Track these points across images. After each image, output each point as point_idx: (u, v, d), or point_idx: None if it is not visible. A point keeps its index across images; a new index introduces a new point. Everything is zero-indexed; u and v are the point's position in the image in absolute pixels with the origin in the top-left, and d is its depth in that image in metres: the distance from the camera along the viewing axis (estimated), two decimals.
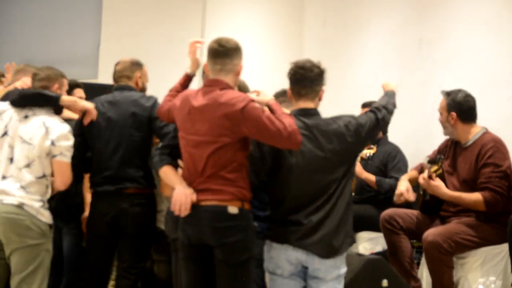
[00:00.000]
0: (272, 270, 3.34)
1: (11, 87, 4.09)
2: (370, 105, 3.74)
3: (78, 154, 3.79)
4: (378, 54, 6.42)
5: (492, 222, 4.13)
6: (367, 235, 5.12)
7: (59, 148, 3.62)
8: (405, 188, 4.27)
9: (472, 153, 4.18)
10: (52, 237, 3.72)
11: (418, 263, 4.52)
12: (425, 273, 4.33)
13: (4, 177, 3.60)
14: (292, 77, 3.40)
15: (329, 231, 3.25)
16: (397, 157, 5.18)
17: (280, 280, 3.33)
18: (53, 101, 3.74)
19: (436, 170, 4.10)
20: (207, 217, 3.18)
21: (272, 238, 3.33)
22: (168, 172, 3.37)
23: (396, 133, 5.48)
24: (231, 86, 3.27)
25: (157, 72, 4.47)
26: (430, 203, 4.29)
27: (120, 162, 3.90)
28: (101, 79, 6.41)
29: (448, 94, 4.27)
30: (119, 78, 4.09)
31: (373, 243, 5.09)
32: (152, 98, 4.00)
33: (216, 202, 3.18)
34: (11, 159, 3.61)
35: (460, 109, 4.22)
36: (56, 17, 7.08)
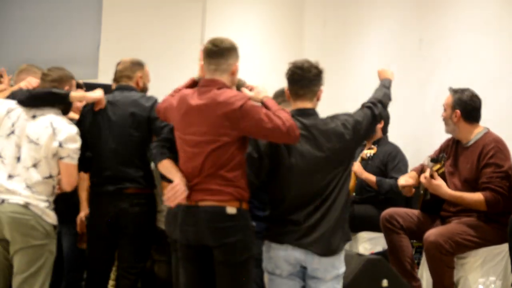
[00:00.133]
0: (271, 270, 3.34)
1: (15, 87, 4.09)
2: None
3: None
4: (378, 54, 6.41)
5: (493, 222, 4.13)
6: (367, 235, 5.12)
7: (67, 151, 3.63)
8: (403, 180, 4.33)
9: (473, 153, 4.18)
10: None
11: (418, 263, 4.52)
12: (425, 273, 4.33)
13: (10, 176, 3.60)
14: (290, 77, 3.40)
15: (327, 230, 3.25)
16: (397, 157, 5.18)
17: (279, 280, 3.33)
18: (64, 99, 3.76)
19: (438, 169, 4.09)
20: (206, 218, 3.18)
21: (270, 238, 3.34)
22: (168, 166, 3.36)
23: (396, 133, 5.48)
24: (228, 86, 3.27)
25: (157, 72, 4.46)
26: (430, 202, 4.29)
27: (119, 162, 3.91)
28: (101, 79, 6.39)
29: (455, 91, 4.28)
30: (120, 78, 4.09)
31: (373, 243, 5.09)
32: (152, 98, 4.00)
33: (214, 203, 3.18)
34: (18, 158, 3.62)
35: (465, 108, 4.23)
36: (56, 17, 7.06)
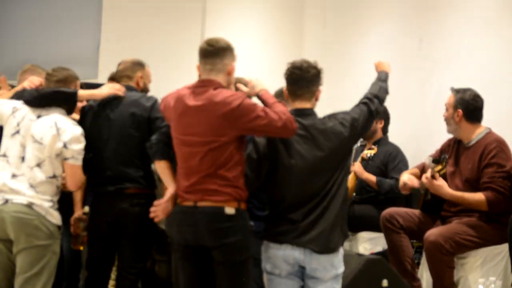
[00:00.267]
0: (270, 270, 3.34)
1: (18, 87, 4.09)
2: None
3: None
4: (378, 54, 6.36)
5: (493, 222, 4.13)
6: (367, 235, 5.12)
7: (71, 152, 3.64)
8: (407, 177, 4.30)
9: (475, 153, 4.18)
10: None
11: (418, 263, 4.52)
12: (425, 273, 4.33)
13: (14, 176, 3.61)
14: (289, 77, 3.41)
15: (326, 228, 3.26)
16: (397, 158, 5.19)
17: (278, 280, 3.33)
18: (72, 97, 3.77)
19: (440, 170, 4.09)
20: (204, 218, 3.18)
21: (269, 238, 3.34)
22: (164, 168, 3.41)
23: (396, 133, 5.48)
24: (224, 86, 3.26)
25: (157, 72, 4.46)
26: (431, 202, 4.29)
27: (120, 162, 3.90)
28: (101, 79, 6.38)
29: (458, 91, 4.28)
30: (120, 78, 4.09)
31: (373, 243, 5.09)
32: (152, 98, 3.99)
33: (213, 203, 3.18)
34: (23, 158, 3.62)
35: (467, 107, 4.23)
36: (56, 17, 7.06)
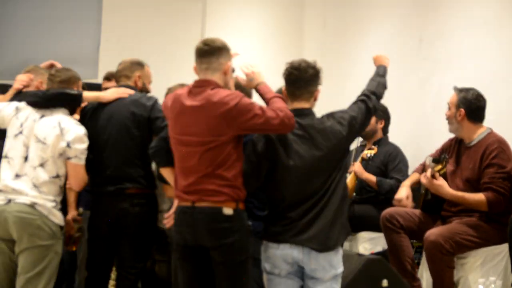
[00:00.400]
0: (270, 269, 3.34)
1: (11, 91, 4.07)
2: None
3: None
4: None
5: (494, 223, 4.13)
6: (367, 235, 5.12)
7: (75, 151, 3.65)
8: (405, 194, 4.33)
9: (476, 152, 4.18)
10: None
11: (418, 263, 4.52)
12: (425, 273, 4.32)
13: (18, 176, 3.61)
14: (287, 78, 3.41)
15: (325, 225, 3.25)
16: (397, 158, 5.18)
17: (278, 279, 3.33)
18: (77, 99, 3.79)
19: (440, 170, 4.09)
20: (203, 219, 3.19)
21: (268, 238, 3.34)
22: (171, 175, 3.46)
23: (396, 133, 5.48)
24: (221, 85, 3.26)
25: (157, 72, 4.46)
26: (431, 202, 4.29)
27: (120, 162, 3.91)
28: (101, 79, 6.38)
29: (461, 90, 4.28)
30: (119, 78, 4.10)
31: (373, 243, 5.09)
32: (152, 98, 3.99)
33: (211, 204, 3.18)
34: (26, 158, 3.63)
35: (469, 107, 4.22)
36: (56, 17, 7.06)
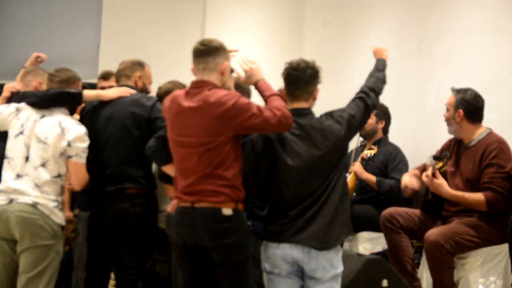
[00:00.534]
0: (270, 269, 3.34)
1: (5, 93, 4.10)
2: None
3: None
4: None
5: (493, 222, 4.13)
6: (367, 235, 5.12)
7: (75, 150, 3.65)
8: (408, 179, 4.31)
9: (476, 153, 4.17)
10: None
11: (418, 263, 4.52)
12: (425, 273, 4.32)
13: (19, 176, 3.62)
14: (286, 78, 3.41)
15: (324, 223, 3.25)
16: (397, 158, 5.18)
17: (278, 279, 3.33)
18: (77, 98, 3.79)
19: (441, 167, 4.09)
20: (202, 220, 3.18)
21: (268, 237, 3.34)
22: (173, 169, 3.42)
23: (396, 133, 5.48)
24: (218, 86, 3.26)
25: (157, 72, 4.46)
26: (431, 202, 4.29)
27: (120, 162, 3.91)
28: None
29: (458, 91, 4.28)
30: (120, 78, 4.11)
31: (373, 243, 5.09)
32: (152, 98, 3.99)
33: (210, 204, 3.18)
34: (27, 158, 3.63)
35: (468, 107, 4.22)
36: (56, 17, 7.07)
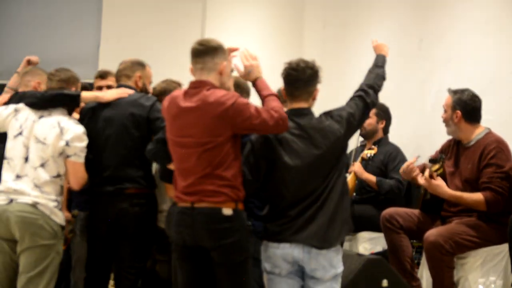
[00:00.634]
0: (270, 269, 3.34)
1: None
2: None
3: None
4: None
5: (493, 222, 4.13)
6: (367, 235, 5.12)
7: (74, 149, 3.66)
8: (405, 164, 4.32)
9: (474, 153, 4.17)
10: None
11: (418, 263, 4.52)
12: (425, 273, 4.33)
13: (18, 176, 3.63)
14: (286, 78, 3.41)
15: (324, 222, 3.25)
16: (397, 158, 5.18)
17: (278, 279, 3.33)
18: (75, 99, 3.80)
19: (438, 169, 4.09)
20: (202, 220, 3.18)
21: (268, 237, 3.34)
22: None
23: (396, 133, 5.48)
24: (217, 86, 3.26)
25: (157, 72, 4.46)
26: (431, 202, 4.29)
27: (119, 162, 3.91)
28: None
29: (455, 92, 4.27)
30: (120, 78, 4.10)
31: (373, 243, 5.09)
32: (151, 98, 3.99)
33: (210, 204, 3.18)
34: (26, 159, 3.64)
35: (465, 108, 4.21)
36: (56, 17, 7.08)
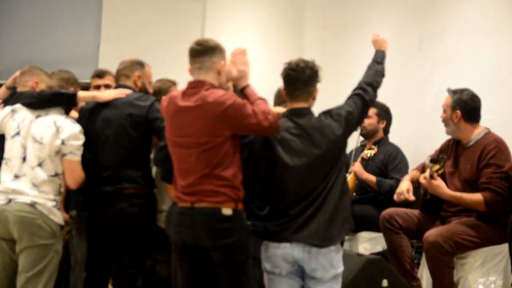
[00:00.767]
0: (270, 269, 3.34)
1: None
2: None
3: None
4: None
5: (493, 222, 4.13)
6: (367, 235, 5.12)
7: (70, 147, 3.67)
8: (406, 188, 4.29)
9: (474, 153, 4.17)
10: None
11: (418, 263, 4.52)
12: (425, 273, 4.32)
13: (17, 176, 3.64)
14: (285, 78, 3.41)
15: (324, 220, 3.25)
16: (397, 158, 5.18)
17: (278, 278, 3.33)
18: (72, 99, 3.80)
19: (438, 170, 4.09)
20: (202, 220, 3.19)
21: (268, 237, 3.34)
22: None
23: (396, 133, 5.48)
24: (215, 86, 3.26)
25: (157, 72, 4.46)
26: (430, 202, 4.29)
27: (118, 162, 3.90)
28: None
29: (454, 92, 4.27)
30: (119, 77, 4.10)
31: (373, 243, 5.09)
32: (150, 98, 3.98)
33: (209, 204, 3.18)
34: (24, 159, 3.65)
35: (465, 107, 4.21)
36: (56, 17, 7.07)
